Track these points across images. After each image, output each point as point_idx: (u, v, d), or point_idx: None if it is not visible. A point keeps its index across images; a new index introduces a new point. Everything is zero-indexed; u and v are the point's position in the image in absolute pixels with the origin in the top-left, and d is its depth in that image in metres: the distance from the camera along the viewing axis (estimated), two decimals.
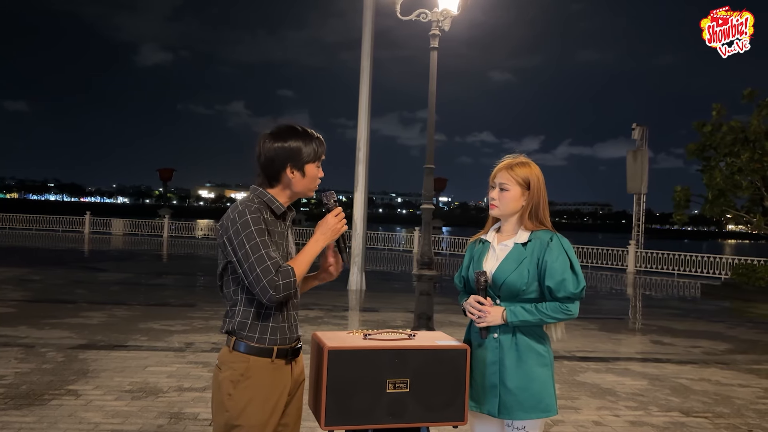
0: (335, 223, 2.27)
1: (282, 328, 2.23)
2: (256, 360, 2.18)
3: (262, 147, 2.24)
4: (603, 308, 12.85)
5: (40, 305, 9.47)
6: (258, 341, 2.19)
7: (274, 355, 2.20)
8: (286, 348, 2.24)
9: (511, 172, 2.44)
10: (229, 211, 2.20)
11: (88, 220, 30.80)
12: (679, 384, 6.26)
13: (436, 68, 8.48)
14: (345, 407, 2.18)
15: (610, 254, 22.89)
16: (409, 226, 49.68)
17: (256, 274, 2.08)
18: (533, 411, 2.34)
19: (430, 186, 8.59)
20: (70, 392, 5.05)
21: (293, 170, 2.23)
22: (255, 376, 2.17)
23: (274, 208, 2.24)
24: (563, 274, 2.32)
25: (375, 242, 28.37)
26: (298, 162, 2.23)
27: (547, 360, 2.39)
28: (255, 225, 2.12)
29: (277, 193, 2.27)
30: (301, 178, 2.25)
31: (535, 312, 2.33)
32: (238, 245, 2.11)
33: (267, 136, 2.25)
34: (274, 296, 2.09)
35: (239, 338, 2.20)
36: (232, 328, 2.21)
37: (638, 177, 24.76)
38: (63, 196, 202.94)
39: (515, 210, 2.45)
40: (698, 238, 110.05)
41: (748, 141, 16.20)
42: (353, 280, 13.22)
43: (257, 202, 2.20)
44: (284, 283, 2.10)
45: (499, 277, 2.39)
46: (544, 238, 2.38)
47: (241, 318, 2.20)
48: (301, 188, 2.28)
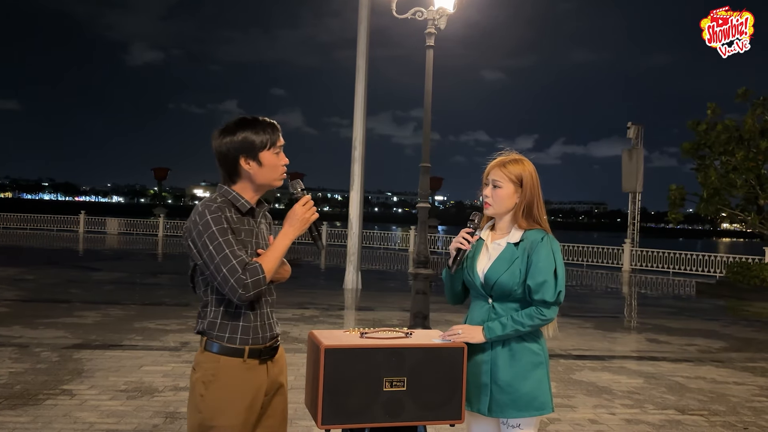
0: (303, 212, 2.19)
1: (254, 328, 2.17)
2: (227, 360, 2.13)
3: (214, 144, 2.19)
4: (598, 307, 12.88)
5: (35, 305, 9.43)
6: (229, 341, 2.14)
7: (245, 355, 2.14)
8: (260, 348, 2.18)
9: (504, 170, 2.42)
10: (191, 213, 2.15)
11: (82, 219, 30.69)
12: (674, 382, 6.28)
13: (432, 67, 8.47)
14: (342, 406, 2.17)
15: (606, 253, 22.94)
16: (404, 225, 49.69)
17: (223, 274, 2.03)
18: (527, 409, 2.33)
19: (426, 185, 8.59)
20: (64, 392, 5.03)
21: (248, 161, 2.16)
22: (226, 376, 2.13)
23: (239, 206, 2.18)
24: (545, 277, 2.31)
25: (371, 241, 28.36)
26: (251, 152, 2.16)
27: (542, 358, 2.38)
28: (216, 225, 2.07)
29: (241, 189, 2.21)
30: (258, 168, 2.18)
31: (512, 324, 2.32)
32: (202, 247, 2.06)
33: (217, 132, 2.19)
34: (243, 295, 2.04)
35: (210, 338, 2.16)
36: (203, 329, 2.17)
37: (633, 176, 24.81)
38: (57, 195, 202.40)
39: (508, 208, 2.44)
40: (693, 236, 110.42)
41: (743, 140, 16.28)
42: (349, 279, 13.20)
43: (219, 201, 2.15)
44: (253, 281, 2.05)
45: (491, 277, 2.38)
46: (536, 237, 2.37)
47: (212, 318, 2.16)
48: (263, 179, 2.20)
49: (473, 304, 2.51)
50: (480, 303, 2.46)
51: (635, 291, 16.77)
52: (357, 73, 13.41)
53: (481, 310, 2.44)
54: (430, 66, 8.47)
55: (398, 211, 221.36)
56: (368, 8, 13.33)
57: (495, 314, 2.39)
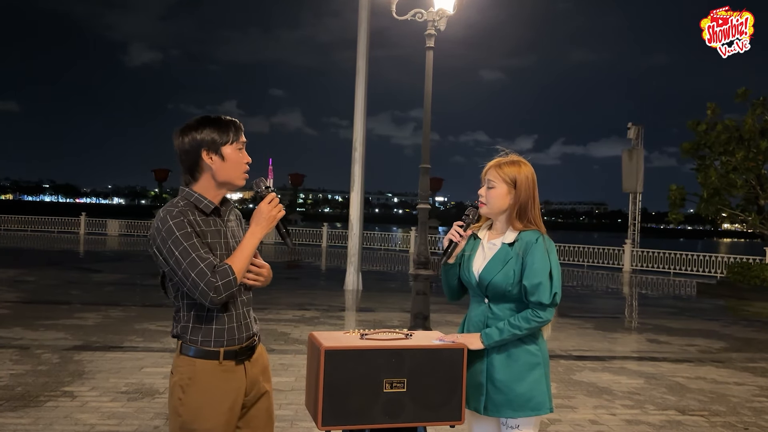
0: (269, 210, 2.15)
1: (230, 329, 2.15)
2: (202, 363, 2.12)
3: (176, 142, 2.16)
4: (599, 307, 12.88)
5: (35, 306, 9.44)
6: (203, 344, 2.13)
7: (221, 357, 2.13)
8: (235, 349, 2.16)
9: (499, 170, 2.44)
10: (154, 219, 2.13)
11: (83, 221, 30.69)
12: (675, 382, 6.28)
13: (432, 68, 8.47)
14: (342, 407, 2.18)
15: (606, 253, 22.92)
16: (405, 226, 49.69)
17: (192, 279, 2.01)
18: (523, 409, 2.34)
19: (426, 186, 8.59)
20: (65, 393, 5.03)
21: (210, 155, 2.14)
22: (203, 379, 2.12)
23: (202, 207, 2.15)
24: (540, 278, 2.32)
25: (371, 242, 28.35)
26: (213, 146, 2.13)
27: (539, 358, 2.39)
28: (179, 230, 2.04)
29: (203, 188, 2.17)
30: (221, 162, 2.15)
31: (509, 329, 2.32)
32: (168, 254, 2.03)
33: (178, 130, 2.17)
34: (215, 298, 2.02)
35: (185, 342, 2.14)
36: (178, 333, 2.17)
37: (634, 176, 24.79)
38: (58, 197, 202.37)
39: (502, 208, 2.45)
40: (693, 236, 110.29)
41: (743, 140, 16.27)
42: (350, 280, 13.19)
43: (181, 205, 2.12)
44: (224, 283, 2.02)
45: (485, 277, 2.40)
46: (531, 238, 2.38)
47: (184, 322, 2.14)
48: (225, 175, 2.16)
49: (471, 303, 2.53)
50: (477, 302, 2.48)
51: (636, 291, 16.76)
52: (357, 74, 13.41)
53: (479, 309, 2.46)
54: (430, 67, 8.47)
55: (399, 212, 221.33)
56: (368, 10, 13.34)
57: (491, 314, 2.41)
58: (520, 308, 2.37)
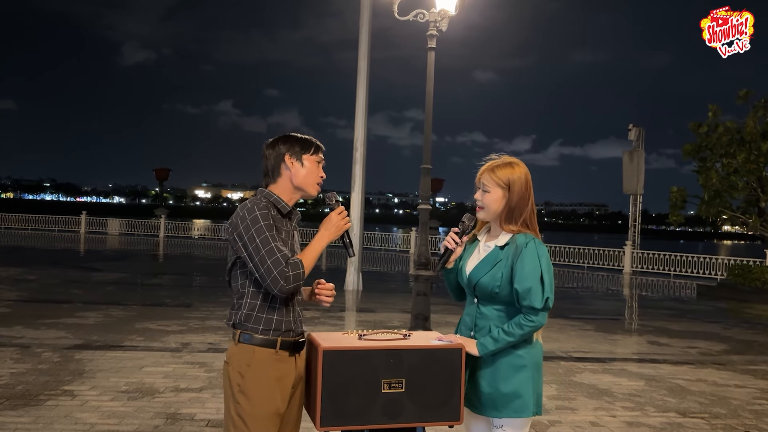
0: (339, 220, 2.36)
1: (287, 321, 2.31)
2: (261, 351, 2.26)
3: (265, 149, 2.40)
4: (599, 309, 12.87)
5: (36, 305, 9.44)
6: (262, 332, 2.27)
7: (278, 346, 2.27)
8: (290, 341, 2.31)
9: (492, 174, 2.44)
10: (238, 209, 2.30)
11: (84, 219, 30.70)
12: (675, 385, 6.27)
13: (433, 69, 8.47)
14: (340, 408, 2.18)
15: (607, 255, 22.90)
16: (405, 226, 49.67)
17: (267, 266, 2.17)
18: (505, 410, 2.33)
19: (427, 186, 8.59)
20: (66, 393, 5.03)
21: (292, 159, 2.36)
22: (260, 367, 2.24)
23: (280, 208, 2.35)
24: (531, 283, 2.31)
25: (372, 243, 28.33)
26: (296, 153, 2.37)
27: (526, 360, 2.36)
28: (264, 221, 2.22)
29: (281, 190, 2.38)
30: (300, 168, 2.36)
31: (504, 336, 2.32)
32: (249, 240, 2.20)
33: (269, 140, 2.42)
34: (284, 287, 2.17)
35: (244, 330, 2.28)
36: (238, 320, 2.29)
37: (634, 177, 24.79)
38: (59, 195, 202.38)
39: (497, 212, 2.45)
40: (694, 238, 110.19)
41: (744, 142, 16.26)
42: (350, 280, 13.20)
43: (265, 202, 2.31)
44: (294, 274, 2.19)
45: (473, 278, 2.43)
46: (522, 242, 2.37)
47: (247, 310, 2.28)
48: (301, 181, 2.37)
49: (466, 303, 2.55)
50: (469, 302, 2.51)
51: (636, 293, 16.75)
52: (358, 75, 13.41)
53: (470, 308, 2.49)
54: (431, 68, 8.46)
55: (399, 212, 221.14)
56: (369, 10, 13.34)
57: (479, 314, 2.42)
58: (509, 311, 2.37)
